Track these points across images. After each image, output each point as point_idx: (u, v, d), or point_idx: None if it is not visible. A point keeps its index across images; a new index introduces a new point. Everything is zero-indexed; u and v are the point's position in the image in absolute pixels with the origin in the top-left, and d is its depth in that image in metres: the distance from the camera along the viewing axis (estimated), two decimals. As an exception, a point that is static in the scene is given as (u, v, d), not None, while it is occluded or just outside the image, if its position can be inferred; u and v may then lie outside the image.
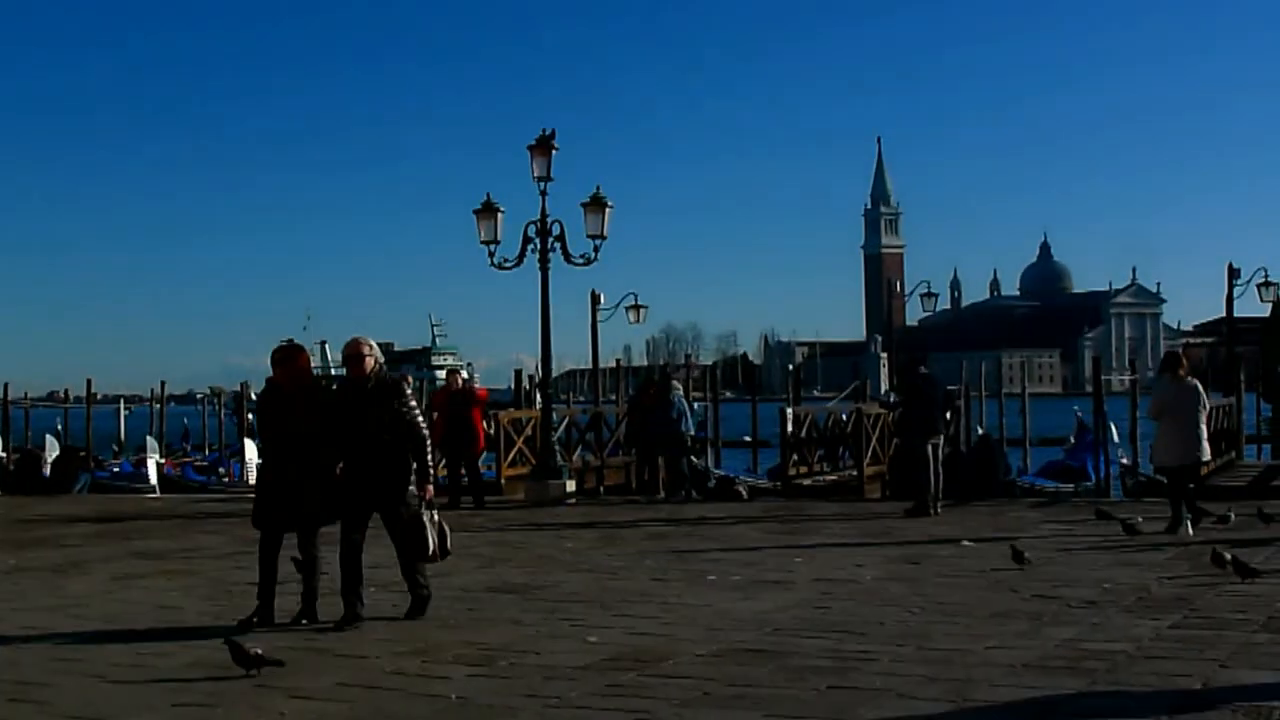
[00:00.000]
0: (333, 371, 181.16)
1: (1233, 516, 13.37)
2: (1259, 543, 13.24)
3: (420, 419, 9.36)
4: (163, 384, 47.04)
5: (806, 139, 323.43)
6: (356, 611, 9.17)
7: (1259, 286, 41.22)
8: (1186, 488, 15.01)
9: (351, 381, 9.35)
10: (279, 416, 9.24)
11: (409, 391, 9.45)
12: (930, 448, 17.30)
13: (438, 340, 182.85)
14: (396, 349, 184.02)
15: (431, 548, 9.33)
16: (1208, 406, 15.50)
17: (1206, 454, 15.49)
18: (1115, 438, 25.46)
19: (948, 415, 18.42)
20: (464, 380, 21.87)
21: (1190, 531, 14.18)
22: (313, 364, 9.70)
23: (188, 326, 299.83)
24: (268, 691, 7.24)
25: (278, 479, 9.22)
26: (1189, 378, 15.13)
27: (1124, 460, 25.36)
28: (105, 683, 7.44)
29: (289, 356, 9.30)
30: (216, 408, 50.06)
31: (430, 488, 9.42)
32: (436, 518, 9.43)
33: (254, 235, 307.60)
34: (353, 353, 9.29)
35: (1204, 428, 15.07)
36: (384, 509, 9.35)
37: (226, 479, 31.36)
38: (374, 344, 9.37)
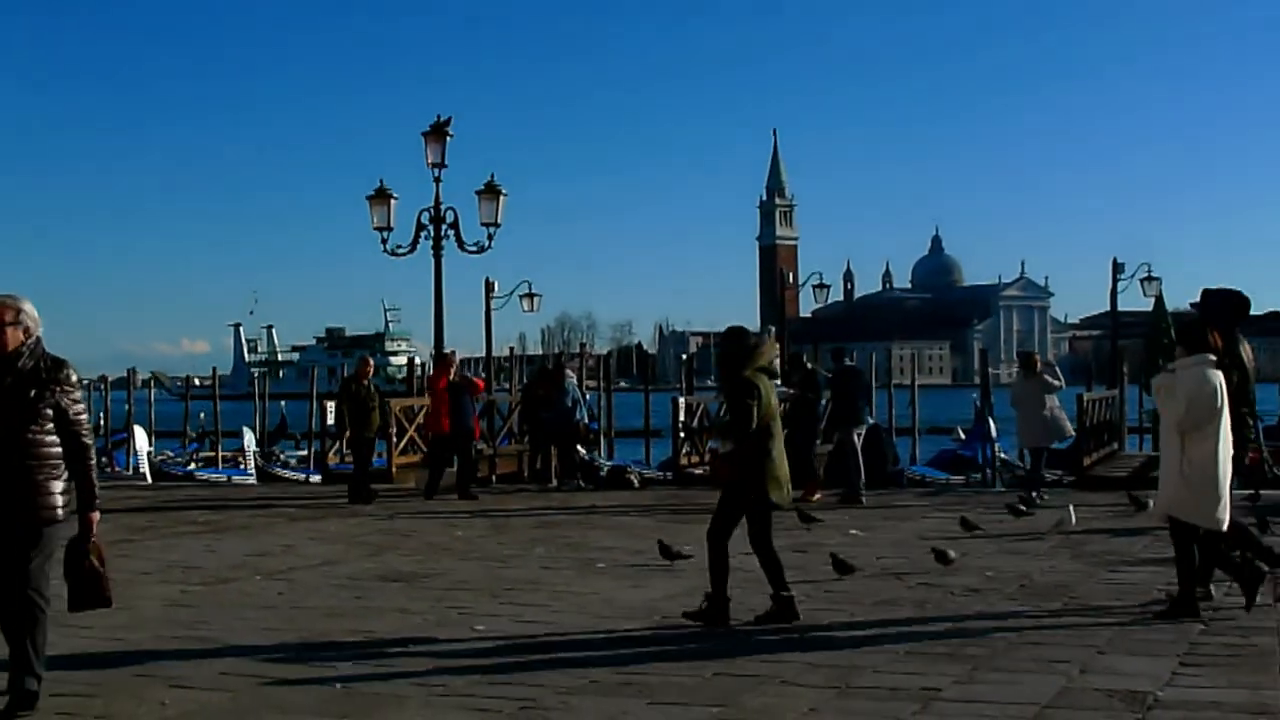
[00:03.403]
0: (279, 358, 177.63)
1: (1072, 520, 13.71)
2: (1133, 532, 13.53)
3: (86, 419, 6.65)
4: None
5: (703, 130, 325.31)
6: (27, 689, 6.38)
7: (1142, 281, 42.36)
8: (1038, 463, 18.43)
9: None
10: None
11: (75, 379, 6.55)
12: (855, 437, 18.00)
13: (391, 325, 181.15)
14: (349, 334, 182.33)
15: (106, 594, 6.80)
16: (1056, 401, 18.19)
17: (1049, 440, 18.39)
18: (994, 431, 25.75)
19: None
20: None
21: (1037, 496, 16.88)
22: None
23: (116, 312, 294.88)
24: (149, 681, 7.14)
25: None
26: (1038, 374, 18.11)
27: (1003, 456, 25.96)
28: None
29: None
30: (104, 393, 49.32)
31: (95, 515, 6.61)
32: (103, 552, 6.81)
33: (196, 218, 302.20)
34: None
35: (1049, 414, 17.85)
36: (27, 537, 6.35)
37: (109, 468, 30.81)
38: (27, 307, 6.42)
